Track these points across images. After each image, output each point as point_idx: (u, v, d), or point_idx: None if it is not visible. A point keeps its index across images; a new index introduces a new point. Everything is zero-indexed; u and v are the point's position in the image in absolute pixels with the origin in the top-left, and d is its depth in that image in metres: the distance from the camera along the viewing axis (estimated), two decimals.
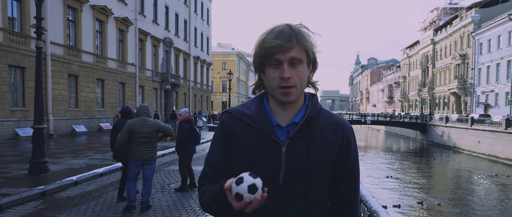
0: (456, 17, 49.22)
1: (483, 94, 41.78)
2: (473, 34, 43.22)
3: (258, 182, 1.02)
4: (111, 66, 24.40)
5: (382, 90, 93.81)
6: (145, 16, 29.01)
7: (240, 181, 1.01)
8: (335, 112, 2.10)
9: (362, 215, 1.67)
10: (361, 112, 78.76)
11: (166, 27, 33.82)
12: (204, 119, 30.14)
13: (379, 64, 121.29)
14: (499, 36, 38.65)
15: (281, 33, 1.16)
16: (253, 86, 1.34)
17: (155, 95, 32.09)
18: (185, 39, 39.21)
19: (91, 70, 22.13)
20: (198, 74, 44.08)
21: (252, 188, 1.00)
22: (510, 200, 14.28)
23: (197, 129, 7.33)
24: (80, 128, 20.52)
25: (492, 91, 40.07)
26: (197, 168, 9.38)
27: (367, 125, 46.80)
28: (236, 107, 1.32)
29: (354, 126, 38.43)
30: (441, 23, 56.40)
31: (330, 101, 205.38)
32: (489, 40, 40.61)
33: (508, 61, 37.02)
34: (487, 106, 40.47)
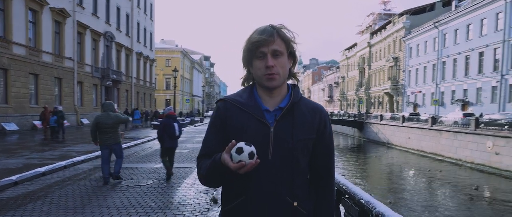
0: (390, 22, 52.99)
1: (412, 94, 45.53)
2: (404, 39, 46.87)
3: (254, 149, 1.25)
4: (46, 60, 22.72)
5: (323, 90, 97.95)
6: (84, 8, 27.40)
7: (240, 151, 1.22)
8: None
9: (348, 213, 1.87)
10: None
11: (107, 21, 32.25)
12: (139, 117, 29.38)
13: (320, 64, 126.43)
14: (426, 42, 42.37)
15: (264, 30, 1.40)
16: (242, 79, 1.57)
17: (95, 92, 30.47)
18: (127, 34, 37.69)
19: (24, 63, 20.44)
20: (141, 70, 42.60)
21: (251, 155, 1.23)
22: (435, 189, 15.84)
23: (175, 125, 7.97)
24: (11, 126, 18.90)
25: (420, 91, 43.82)
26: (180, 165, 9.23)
27: None
28: (230, 95, 1.54)
29: None
30: (376, 27, 60.36)
31: None
32: (418, 45, 44.35)
33: (433, 65, 40.73)
34: (415, 105, 44.18)
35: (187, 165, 10.11)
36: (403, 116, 30.19)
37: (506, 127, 18.62)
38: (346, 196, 1.87)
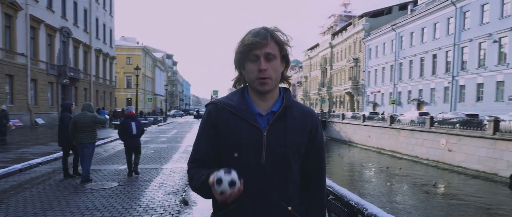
0: (350, 24, 54.66)
1: (372, 94, 47.29)
2: (364, 40, 48.53)
3: (234, 176, 1.19)
4: None
5: None
6: (37, 1, 25.87)
7: (220, 182, 1.17)
8: None
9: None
10: None
11: (63, 16, 30.67)
12: (107, 116, 28.18)
13: None
14: (384, 43, 44.15)
15: (258, 33, 1.38)
16: (233, 81, 1.53)
17: (51, 90, 28.88)
18: (85, 30, 36.08)
19: None
20: (100, 68, 40.94)
21: (231, 184, 1.17)
22: (395, 186, 16.56)
23: (133, 124, 8.23)
24: None
25: (379, 91, 45.59)
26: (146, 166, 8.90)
27: None
28: (220, 98, 1.51)
29: None
30: (337, 29, 62.03)
31: None
32: (377, 46, 46.10)
33: (391, 66, 42.52)
34: (375, 105, 45.91)
35: (154, 166, 9.85)
36: (364, 115, 31.27)
37: (457, 125, 19.83)
38: (332, 197, 1.89)
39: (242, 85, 1.52)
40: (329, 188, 1.90)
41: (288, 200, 1.41)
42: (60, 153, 11.00)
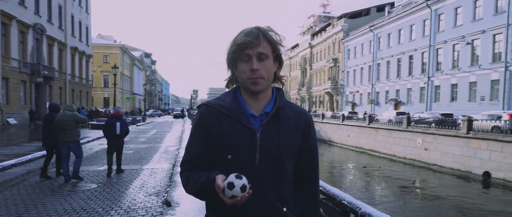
0: (330, 25, 55.35)
1: (351, 94, 48.07)
2: (342, 41, 49.25)
3: (245, 181, 1.22)
4: None
5: None
6: None
7: (231, 186, 1.20)
8: None
9: None
10: None
11: (37, 12, 29.68)
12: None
13: None
14: (363, 44, 44.94)
15: (250, 32, 1.36)
16: (226, 81, 1.52)
17: (23, 89, 27.90)
18: (60, 27, 35.05)
19: None
20: (76, 66, 39.88)
21: (243, 189, 1.20)
22: (374, 184, 16.88)
23: (117, 124, 8.34)
24: None
25: (358, 91, 46.38)
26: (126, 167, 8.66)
27: None
28: (212, 100, 1.48)
29: None
30: (317, 29, 62.71)
31: None
32: (355, 47, 46.88)
33: (369, 66, 43.34)
34: (354, 105, 46.68)
35: (134, 167, 9.66)
36: (343, 115, 31.73)
37: (433, 125, 20.41)
38: (323, 197, 1.89)
39: (234, 86, 1.49)
40: (320, 188, 1.90)
41: (283, 200, 1.40)
42: (35, 154, 10.76)
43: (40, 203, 5.98)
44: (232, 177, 1.21)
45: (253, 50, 1.34)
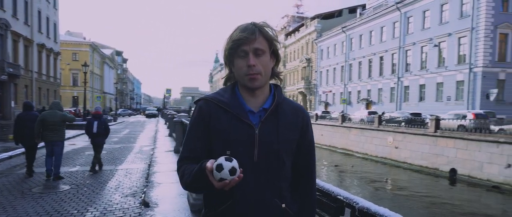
0: (303, 25, 56.02)
1: (324, 93, 48.87)
2: (316, 41, 49.99)
3: (235, 164, 1.18)
4: None
5: None
6: None
7: (220, 168, 1.16)
8: None
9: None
10: None
11: (0, 6, 28.26)
12: None
13: None
14: (335, 45, 45.81)
15: (246, 28, 1.37)
16: (224, 78, 1.53)
17: None
18: (26, 23, 33.52)
19: None
20: (43, 64, 38.25)
21: (232, 171, 1.16)
22: (348, 182, 17.26)
23: (94, 123, 8.61)
24: None
25: (330, 91, 47.23)
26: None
27: None
28: (211, 95, 1.47)
29: None
30: (291, 29, 63.27)
31: (191, 97, 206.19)
32: (328, 48, 47.71)
33: (342, 66, 44.22)
34: (327, 104, 47.48)
35: (108, 168, 9.40)
36: (316, 114, 32.22)
37: (403, 124, 21.10)
38: (318, 193, 1.92)
39: (232, 82, 1.49)
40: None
41: (282, 197, 1.41)
42: (2, 155, 10.25)
43: (9, 206, 5.71)
44: (221, 159, 1.17)
45: (249, 46, 1.34)
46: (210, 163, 1.20)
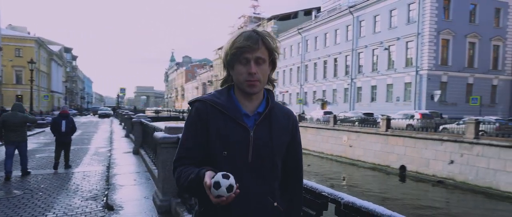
0: (260, 25, 56.54)
1: (281, 93, 49.70)
2: None
3: (232, 181, 1.23)
4: None
5: (197, 88, 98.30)
6: None
7: (218, 185, 1.21)
8: (152, 109, 2.33)
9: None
10: (176, 109, 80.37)
11: None
12: None
13: (193, 62, 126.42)
14: (291, 46, 46.77)
15: (250, 37, 1.44)
16: (221, 80, 1.59)
17: None
18: None
19: None
20: None
21: (229, 189, 1.21)
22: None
23: (63, 122, 8.88)
24: None
25: (287, 91, 48.14)
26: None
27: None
28: (206, 96, 1.53)
29: (171, 123, 38.96)
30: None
31: (145, 97, 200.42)
32: (284, 49, 48.58)
33: (298, 67, 45.25)
34: (284, 104, 48.25)
35: (63, 171, 8.94)
36: None
37: (356, 123, 22.07)
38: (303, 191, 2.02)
39: (228, 85, 1.55)
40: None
41: (274, 196, 1.50)
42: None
43: None
44: (218, 177, 1.22)
45: (252, 54, 1.41)
46: (208, 178, 1.25)
